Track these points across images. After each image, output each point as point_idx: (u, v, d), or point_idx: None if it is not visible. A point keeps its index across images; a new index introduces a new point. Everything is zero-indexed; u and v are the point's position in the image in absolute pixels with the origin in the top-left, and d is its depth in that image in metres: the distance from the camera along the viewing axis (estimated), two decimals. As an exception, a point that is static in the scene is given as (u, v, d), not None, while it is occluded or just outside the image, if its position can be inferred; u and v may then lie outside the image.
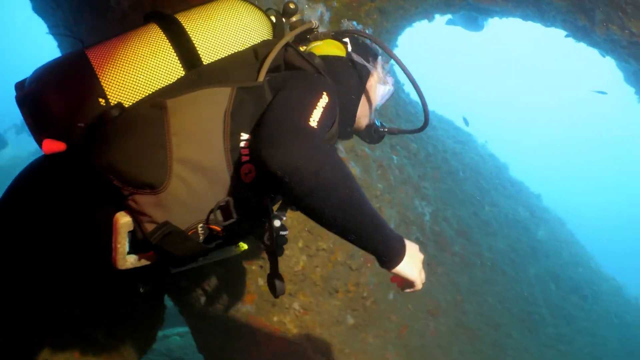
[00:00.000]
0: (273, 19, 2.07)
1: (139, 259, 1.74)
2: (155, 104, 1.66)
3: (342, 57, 2.17)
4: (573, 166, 53.05)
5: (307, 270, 3.80)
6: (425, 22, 6.57)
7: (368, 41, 2.30)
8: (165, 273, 2.09)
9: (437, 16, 6.51)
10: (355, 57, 2.19)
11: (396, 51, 6.39)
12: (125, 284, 2.13)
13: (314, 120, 1.65)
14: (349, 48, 2.21)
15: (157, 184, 1.59)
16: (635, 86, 8.75)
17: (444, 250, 5.78)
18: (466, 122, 8.11)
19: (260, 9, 2.01)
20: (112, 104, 1.68)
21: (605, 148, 56.92)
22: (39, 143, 1.69)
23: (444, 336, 5.12)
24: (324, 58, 2.11)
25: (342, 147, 4.34)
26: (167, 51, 1.78)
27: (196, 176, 1.65)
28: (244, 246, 2.20)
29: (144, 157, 1.60)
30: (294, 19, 2.12)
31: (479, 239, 6.49)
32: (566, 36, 6.15)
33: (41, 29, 5.19)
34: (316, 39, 2.20)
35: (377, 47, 2.31)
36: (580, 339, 7.58)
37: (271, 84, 1.81)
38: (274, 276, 1.95)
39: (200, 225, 1.72)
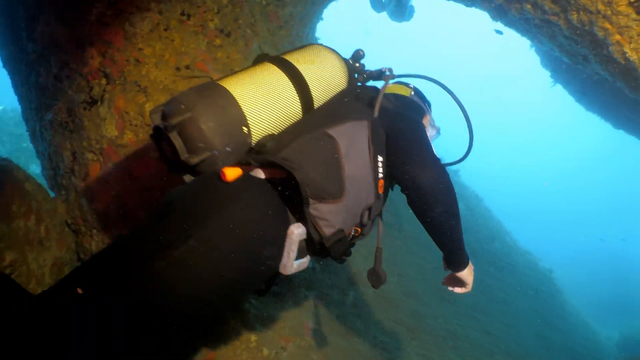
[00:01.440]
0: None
1: (300, 266, 2.13)
2: (323, 134, 2.08)
3: (407, 97, 2.66)
4: (490, 144, 54.94)
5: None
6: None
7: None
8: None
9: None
10: (416, 99, 2.69)
11: (320, 24, 6.41)
12: None
13: (433, 149, 2.22)
14: (413, 92, 2.71)
15: (338, 194, 2.02)
16: (549, 69, 9.11)
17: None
18: None
19: (339, 54, 2.44)
20: (251, 133, 2.01)
21: (523, 128, 59.27)
22: (176, 166, 2.01)
23: (363, 306, 5.21)
24: (394, 95, 2.61)
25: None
26: (294, 96, 2.16)
27: (358, 189, 2.12)
28: None
29: (329, 175, 2.02)
30: (357, 64, 2.53)
31: (398, 210, 6.61)
32: (497, 32, 6.30)
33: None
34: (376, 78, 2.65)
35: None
36: (495, 307, 7.91)
37: (379, 118, 2.27)
38: (378, 268, 2.42)
39: (354, 227, 2.20)
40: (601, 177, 49.04)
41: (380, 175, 2.22)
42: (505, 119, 60.30)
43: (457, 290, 2.61)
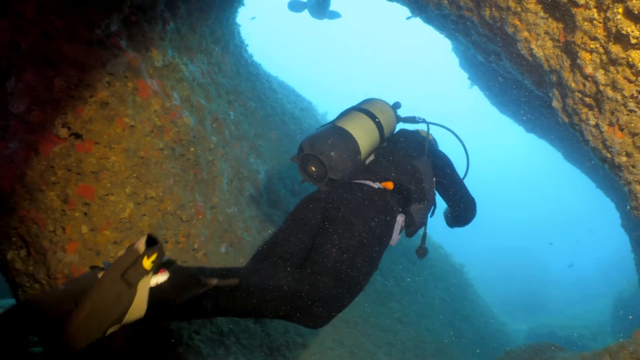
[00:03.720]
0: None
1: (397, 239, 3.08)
2: (414, 164, 3.21)
3: (429, 137, 3.67)
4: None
5: (134, 218, 3.70)
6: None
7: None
8: None
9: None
10: (431, 137, 3.70)
11: (242, 9, 6.42)
12: None
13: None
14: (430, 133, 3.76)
15: (424, 200, 3.13)
16: (467, 71, 9.30)
17: (278, 208, 5.88)
18: None
19: (389, 105, 3.54)
20: (362, 159, 3.13)
21: (440, 129, 61.16)
22: (314, 180, 3.06)
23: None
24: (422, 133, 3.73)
25: (176, 95, 4.25)
26: (377, 135, 3.23)
27: (430, 196, 3.19)
28: None
29: (420, 188, 3.14)
30: (396, 111, 3.64)
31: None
32: (408, 18, 6.42)
33: None
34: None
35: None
36: (408, 297, 8.12)
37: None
38: (423, 245, 3.36)
39: (427, 218, 3.26)
40: (513, 181, 51.11)
41: (434, 189, 3.34)
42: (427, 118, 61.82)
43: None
